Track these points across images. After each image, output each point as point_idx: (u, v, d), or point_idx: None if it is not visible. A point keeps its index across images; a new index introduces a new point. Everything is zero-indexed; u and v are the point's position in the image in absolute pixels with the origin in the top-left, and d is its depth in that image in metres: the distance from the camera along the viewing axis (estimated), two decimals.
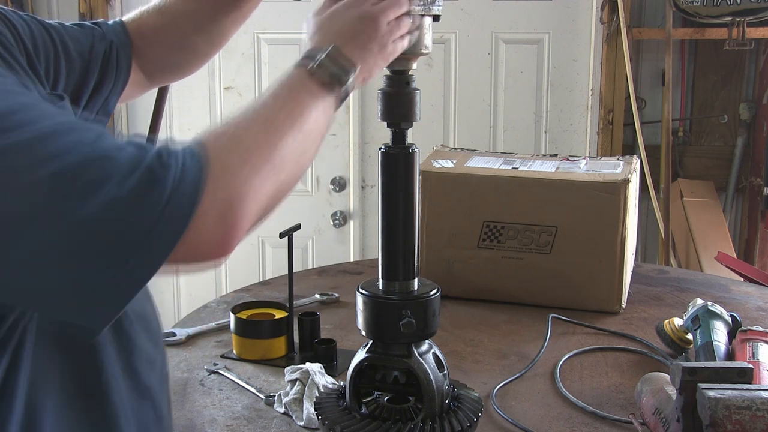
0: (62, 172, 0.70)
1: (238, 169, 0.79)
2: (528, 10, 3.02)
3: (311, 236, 3.18)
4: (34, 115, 0.73)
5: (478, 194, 1.75)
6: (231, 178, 0.78)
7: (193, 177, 0.75)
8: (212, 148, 0.79)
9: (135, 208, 0.71)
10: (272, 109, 0.87)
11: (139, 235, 0.72)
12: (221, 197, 0.77)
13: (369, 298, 1.08)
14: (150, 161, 0.73)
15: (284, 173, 0.85)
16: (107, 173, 0.71)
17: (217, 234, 0.77)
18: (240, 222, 0.79)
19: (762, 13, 2.77)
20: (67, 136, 0.72)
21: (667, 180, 2.90)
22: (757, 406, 0.92)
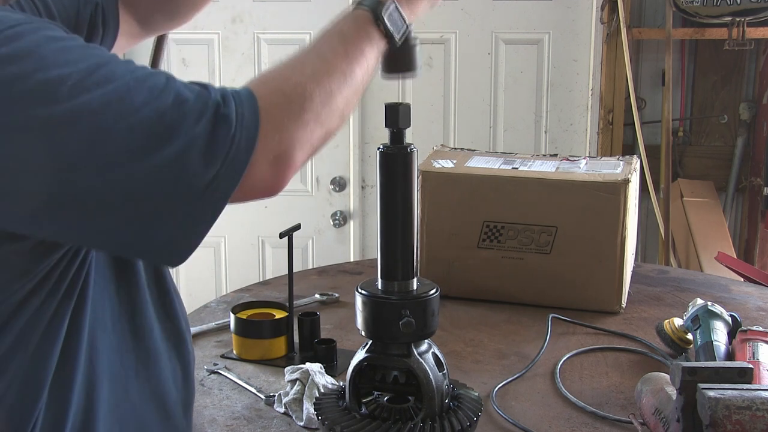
0: (144, 121, 0.76)
1: (292, 121, 0.84)
2: (528, 10, 3.02)
3: (311, 236, 3.18)
4: (114, 69, 0.78)
5: (478, 194, 1.74)
6: (283, 129, 0.83)
7: (249, 128, 0.80)
8: (268, 97, 0.83)
9: (204, 152, 0.77)
10: (335, 53, 0.91)
11: (208, 176, 0.78)
12: (274, 147, 0.82)
13: (368, 297, 1.07)
14: (215, 107, 0.79)
15: (334, 121, 0.89)
16: (181, 117, 0.77)
17: (269, 178, 0.83)
18: (290, 167, 0.85)
19: (762, 13, 2.77)
20: (143, 86, 0.77)
21: (667, 180, 2.90)
22: (757, 406, 0.92)
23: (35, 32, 0.77)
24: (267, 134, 0.81)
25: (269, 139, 0.82)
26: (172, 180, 0.77)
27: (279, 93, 0.84)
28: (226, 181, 0.79)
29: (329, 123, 0.88)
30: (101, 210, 0.77)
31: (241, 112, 0.80)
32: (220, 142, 0.78)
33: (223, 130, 0.78)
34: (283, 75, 0.87)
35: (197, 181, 0.78)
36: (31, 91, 0.74)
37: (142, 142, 0.76)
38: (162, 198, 0.78)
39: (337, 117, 0.89)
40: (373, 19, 0.94)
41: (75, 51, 0.78)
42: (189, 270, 3.25)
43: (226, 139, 0.78)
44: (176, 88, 0.79)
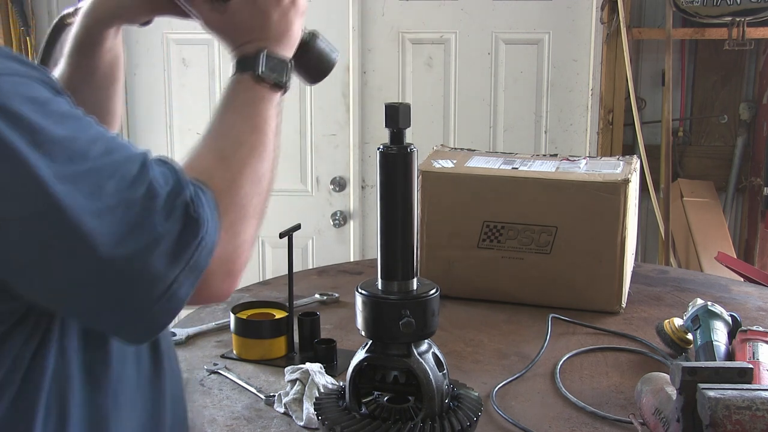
0: (111, 211, 0.73)
1: (240, 224, 0.85)
2: (528, 10, 3.02)
3: (311, 236, 3.18)
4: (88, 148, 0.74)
5: (478, 194, 1.74)
6: (234, 234, 0.83)
7: (212, 235, 0.79)
8: (220, 201, 0.82)
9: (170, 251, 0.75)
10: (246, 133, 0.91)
11: (169, 278, 0.75)
12: (228, 255, 0.82)
13: (368, 297, 1.07)
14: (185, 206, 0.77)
15: (266, 202, 0.91)
16: (150, 212, 0.75)
17: (222, 285, 0.83)
18: (239, 273, 0.85)
19: (762, 13, 2.77)
20: (117, 172, 0.75)
21: (667, 180, 2.90)
22: (757, 406, 0.92)
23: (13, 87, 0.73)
24: (223, 242, 0.81)
25: (225, 247, 0.81)
26: (133, 277, 0.74)
27: (227, 194, 0.84)
28: (186, 285, 0.77)
29: (262, 211, 0.90)
30: (63, 291, 0.75)
31: (208, 217, 0.79)
32: (187, 244, 0.76)
33: (191, 232, 0.77)
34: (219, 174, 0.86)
35: (158, 282, 0.75)
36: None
37: (106, 233, 0.72)
38: (121, 293, 0.75)
39: (266, 200, 0.91)
40: (255, 80, 0.95)
41: (53, 116, 0.74)
42: None
43: (194, 242, 0.77)
44: (149, 179, 0.76)
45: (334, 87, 3.09)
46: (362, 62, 3.07)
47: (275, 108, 0.96)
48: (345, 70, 3.07)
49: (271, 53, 0.97)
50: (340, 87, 3.09)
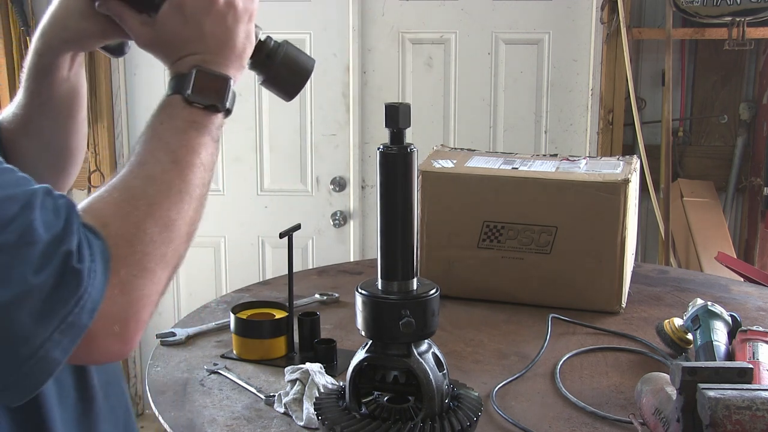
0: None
1: (139, 277, 0.74)
2: (528, 10, 3.02)
3: (311, 236, 3.18)
4: None
5: (478, 194, 1.74)
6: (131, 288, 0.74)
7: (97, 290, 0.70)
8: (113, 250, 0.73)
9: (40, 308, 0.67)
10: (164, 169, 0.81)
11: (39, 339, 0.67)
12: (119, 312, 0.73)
13: (368, 297, 1.07)
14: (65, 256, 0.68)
15: (182, 248, 0.81)
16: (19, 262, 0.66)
17: (115, 345, 0.74)
18: (138, 329, 0.75)
19: (762, 13, 2.77)
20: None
21: (667, 180, 2.90)
22: (757, 406, 0.91)
23: None
24: (112, 297, 0.71)
25: (114, 304, 0.72)
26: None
27: (123, 242, 0.74)
28: (61, 346, 0.68)
29: (174, 259, 0.79)
30: None
31: (94, 269, 0.70)
32: (63, 301, 0.67)
33: (69, 287, 0.68)
34: (121, 214, 0.76)
35: (26, 342, 0.66)
36: None
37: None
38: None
39: (182, 246, 0.81)
40: (185, 103, 0.85)
41: None
42: (189, 270, 3.26)
43: (72, 299, 0.68)
44: (27, 223, 0.67)
45: (334, 87, 3.10)
46: (362, 62, 3.07)
47: (209, 135, 0.85)
48: (345, 70, 3.07)
49: (206, 70, 0.86)
50: (340, 87, 3.09)
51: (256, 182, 3.15)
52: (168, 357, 1.46)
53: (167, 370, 1.41)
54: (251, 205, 3.16)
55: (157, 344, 1.52)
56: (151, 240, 0.76)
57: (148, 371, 1.41)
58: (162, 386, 1.34)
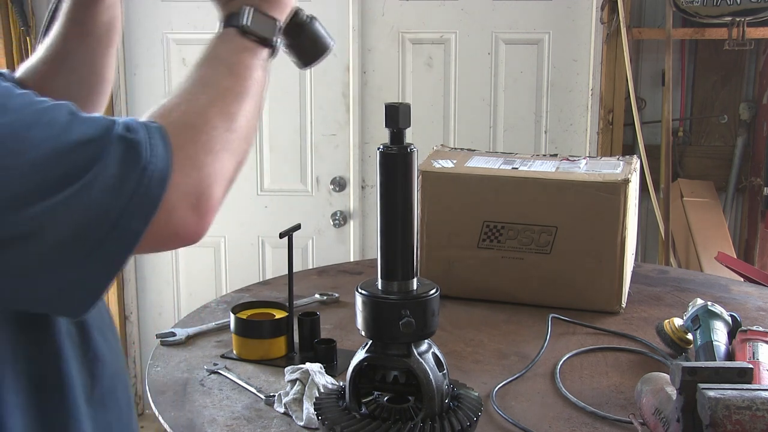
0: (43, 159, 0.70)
1: (206, 155, 0.79)
2: (528, 10, 3.02)
3: (311, 236, 3.18)
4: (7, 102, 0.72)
5: (478, 194, 1.74)
6: (200, 164, 0.78)
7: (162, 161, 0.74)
8: (175, 132, 0.78)
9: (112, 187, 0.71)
10: (221, 74, 0.88)
11: (114, 213, 0.71)
12: (192, 185, 0.77)
13: (368, 297, 1.07)
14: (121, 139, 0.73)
15: (241, 144, 0.86)
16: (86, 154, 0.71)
17: (191, 222, 0.78)
18: (212, 207, 0.79)
19: (762, 13, 2.77)
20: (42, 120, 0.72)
21: (667, 180, 2.90)
22: (757, 406, 0.92)
23: None
24: (183, 170, 0.76)
25: (186, 176, 0.76)
26: (74, 221, 0.70)
27: (185, 126, 0.79)
28: (136, 219, 0.72)
29: (238, 148, 0.84)
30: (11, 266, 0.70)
31: (153, 143, 0.74)
32: (131, 172, 0.72)
33: (132, 158, 0.72)
34: (180, 108, 0.82)
35: (103, 219, 0.71)
36: None
37: (37, 185, 0.69)
38: (60, 243, 0.70)
39: (243, 139, 0.86)
40: (239, 33, 0.92)
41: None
42: (189, 270, 3.26)
43: (137, 168, 0.72)
44: (79, 122, 0.73)
45: (334, 87, 3.10)
46: (362, 62, 3.07)
47: (260, 62, 0.92)
48: (345, 70, 3.07)
49: (259, 10, 0.94)
50: (340, 87, 3.09)
51: (256, 182, 3.15)
52: (168, 357, 1.46)
53: (167, 370, 1.41)
54: (251, 205, 3.16)
55: (157, 344, 1.52)
56: (214, 126, 0.81)
57: (148, 371, 1.41)
58: (162, 386, 1.34)
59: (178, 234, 0.77)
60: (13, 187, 0.69)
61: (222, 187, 0.81)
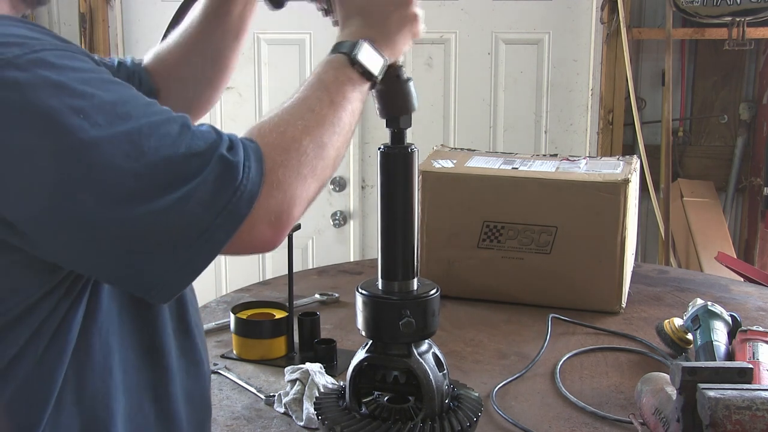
0: (151, 167, 0.76)
1: (293, 179, 0.85)
2: (528, 10, 3.02)
3: (311, 236, 3.18)
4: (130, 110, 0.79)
5: (478, 194, 1.74)
6: (286, 187, 0.84)
7: (254, 183, 0.81)
8: (270, 154, 0.84)
9: (207, 198, 0.78)
10: (322, 103, 0.92)
11: (205, 223, 0.78)
12: (275, 205, 0.83)
13: (368, 298, 1.07)
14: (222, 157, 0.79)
15: (327, 171, 0.91)
16: (189, 168, 0.78)
17: (268, 236, 0.84)
18: (287, 226, 0.86)
19: (762, 13, 2.77)
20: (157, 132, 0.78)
21: (667, 180, 2.90)
22: (757, 406, 0.92)
23: (58, 59, 0.77)
24: (269, 192, 0.82)
25: (271, 197, 0.83)
26: (169, 225, 0.77)
27: (279, 149, 0.85)
28: (222, 231, 0.79)
29: (323, 175, 0.89)
30: (93, 243, 0.78)
31: (248, 165, 0.81)
32: (225, 191, 0.79)
33: (229, 178, 0.79)
34: (279, 130, 0.87)
35: (193, 228, 0.78)
36: (43, 118, 0.74)
37: (145, 188, 0.76)
38: (155, 242, 0.78)
39: (329, 167, 0.91)
40: (349, 62, 0.95)
41: (95, 83, 0.78)
42: None
43: (230, 188, 0.79)
44: (189, 137, 0.80)
45: None
46: None
47: (360, 94, 0.96)
48: None
49: (373, 46, 0.97)
50: None
51: None
52: None
53: None
54: None
55: None
56: (305, 152, 0.87)
57: None
58: None
59: (255, 246, 0.84)
60: (125, 186, 0.75)
61: (301, 208, 0.87)
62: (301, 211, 0.87)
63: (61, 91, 0.75)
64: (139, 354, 0.94)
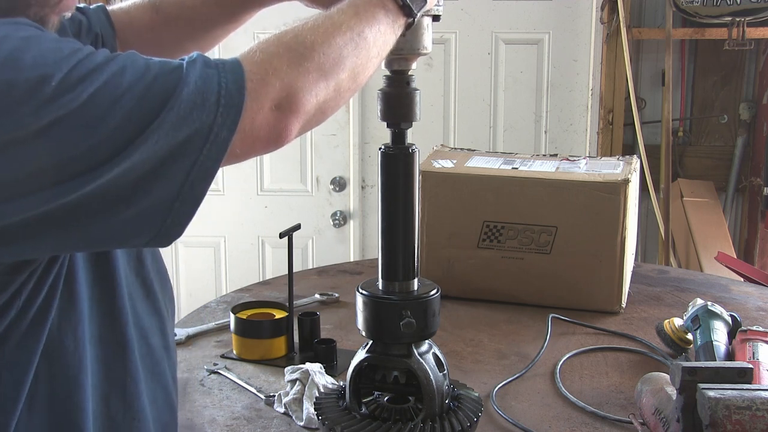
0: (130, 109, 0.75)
1: (291, 69, 0.83)
2: (528, 10, 3.02)
3: (311, 236, 3.18)
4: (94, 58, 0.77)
5: (478, 194, 1.74)
6: (283, 75, 0.82)
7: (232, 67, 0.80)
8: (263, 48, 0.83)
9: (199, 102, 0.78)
10: (343, 12, 0.90)
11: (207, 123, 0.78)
12: (273, 92, 0.81)
13: (369, 298, 1.07)
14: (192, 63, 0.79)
15: (342, 76, 0.87)
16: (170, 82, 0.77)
17: (272, 123, 0.82)
18: (295, 113, 0.83)
19: (762, 13, 2.77)
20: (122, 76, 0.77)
21: (667, 180, 2.90)
22: (757, 406, 0.92)
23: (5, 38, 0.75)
24: (264, 79, 0.81)
25: (268, 84, 0.81)
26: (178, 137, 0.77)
27: (273, 42, 0.84)
28: (224, 127, 0.78)
29: (336, 76, 0.86)
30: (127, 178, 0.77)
31: (220, 63, 0.81)
32: (209, 88, 0.78)
33: (208, 77, 0.79)
34: (283, 29, 0.87)
35: (200, 131, 0.77)
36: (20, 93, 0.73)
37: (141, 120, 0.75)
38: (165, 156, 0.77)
39: (345, 72, 0.87)
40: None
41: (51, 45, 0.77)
42: (189, 270, 3.25)
43: (213, 83, 0.78)
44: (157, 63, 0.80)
45: None
46: None
47: (392, 25, 0.93)
48: None
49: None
50: None
51: (256, 182, 3.15)
52: None
53: None
54: (251, 205, 3.16)
55: None
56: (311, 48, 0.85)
57: None
58: None
59: (264, 136, 0.82)
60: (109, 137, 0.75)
61: (310, 100, 0.84)
62: (311, 103, 0.84)
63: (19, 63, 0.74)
64: (109, 352, 0.93)
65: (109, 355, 0.93)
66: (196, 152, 0.78)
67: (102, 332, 0.92)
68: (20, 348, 0.84)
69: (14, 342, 0.84)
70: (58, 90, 0.73)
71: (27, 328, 0.84)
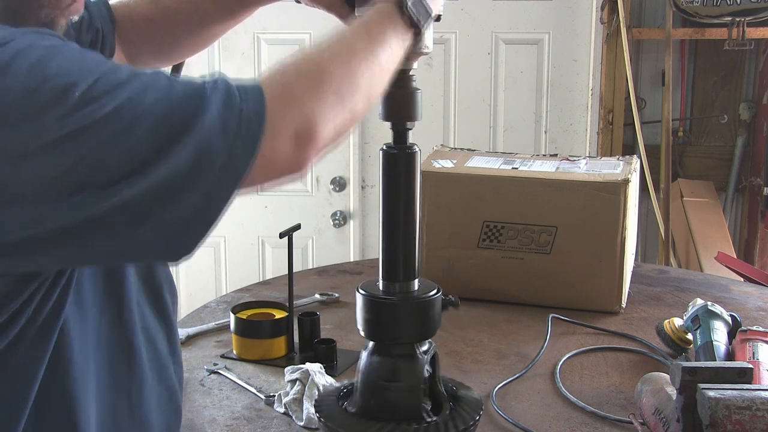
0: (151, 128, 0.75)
1: (310, 96, 0.83)
2: (528, 10, 3.02)
3: (311, 236, 3.18)
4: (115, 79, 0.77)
5: (478, 194, 1.74)
6: (302, 104, 0.82)
7: (253, 96, 0.80)
8: (281, 77, 0.83)
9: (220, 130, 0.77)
10: (356, 35, 0.91)
11: (224, 152, 0.77)
12: (291, 122, 0.81)
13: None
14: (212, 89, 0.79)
15: (358, 100, 0.88)
16: (192, 107, 0.77)
17: (291, 154, 0.82)
18: (313, 142, 0.83)
19: (762, 13, 2.77)
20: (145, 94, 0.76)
21: (667, 180, 2.90)
22: (757, 406, 0.92)
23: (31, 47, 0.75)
24: (284, 109, 0.81)
25: (286, 115, 0.81)
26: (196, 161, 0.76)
27: (293, 70, 0.84)
28: (242, 156, 0.79)
29: (352, 102, 0.87)
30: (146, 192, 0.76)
31: (242, 89, 0.80)
32: (230, 115, 0.78)
33: (230, 104, 0.78)
34: (300, 55, 0.87)
35: (218, 157, 0.77)
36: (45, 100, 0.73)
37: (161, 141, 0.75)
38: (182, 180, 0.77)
39: (360, 97, 0.88)
40: (398, 9, 0.94)
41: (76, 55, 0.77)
42: (189, 270, 3.25)
43: (234, 110, 0.78)
44: (180, 85, 0.79)
45: None
46: None
47: (401, 44, 0.95)
48: None
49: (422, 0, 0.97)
50: None
51: None
52: None
53: None
54: (251, 205, 3.16)
55: None
56: (328, 74, 0.85)
57: None
58: None
59: (280, 167, 0.83)
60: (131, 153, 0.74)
61: (328, 128, 0.84)
62: (328, 132, 0.85)
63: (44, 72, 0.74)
64: (114, 359, 0.93)
65: (115, 363, 0.94)
66: (212, 178, 0.77)
67: (109, 340, 0.93)
68: (28, 355, 0.84)
69: (23, 349, 0.84)
70: (82, 100, 0.73)
71: (36, 336, 0.84)
